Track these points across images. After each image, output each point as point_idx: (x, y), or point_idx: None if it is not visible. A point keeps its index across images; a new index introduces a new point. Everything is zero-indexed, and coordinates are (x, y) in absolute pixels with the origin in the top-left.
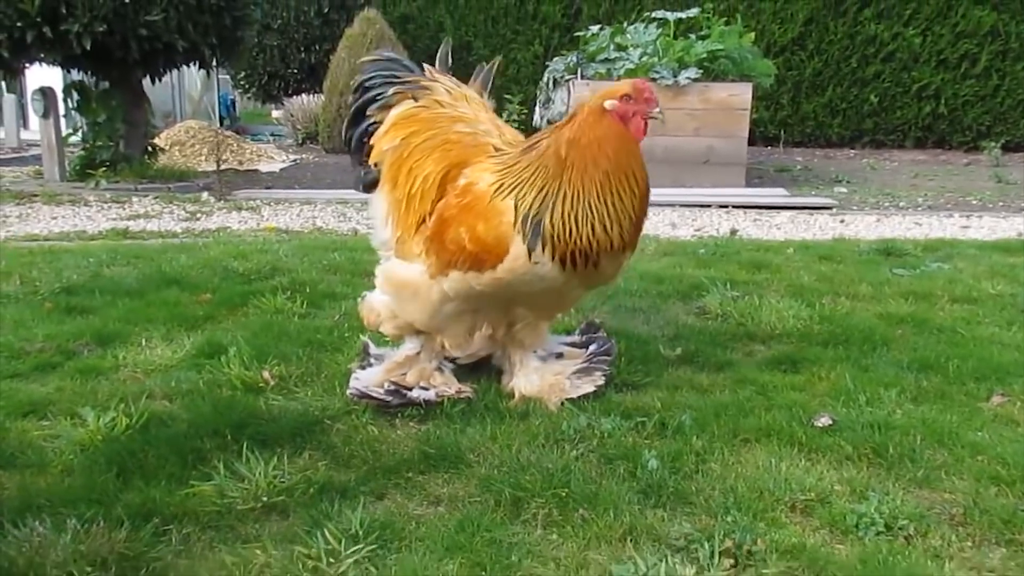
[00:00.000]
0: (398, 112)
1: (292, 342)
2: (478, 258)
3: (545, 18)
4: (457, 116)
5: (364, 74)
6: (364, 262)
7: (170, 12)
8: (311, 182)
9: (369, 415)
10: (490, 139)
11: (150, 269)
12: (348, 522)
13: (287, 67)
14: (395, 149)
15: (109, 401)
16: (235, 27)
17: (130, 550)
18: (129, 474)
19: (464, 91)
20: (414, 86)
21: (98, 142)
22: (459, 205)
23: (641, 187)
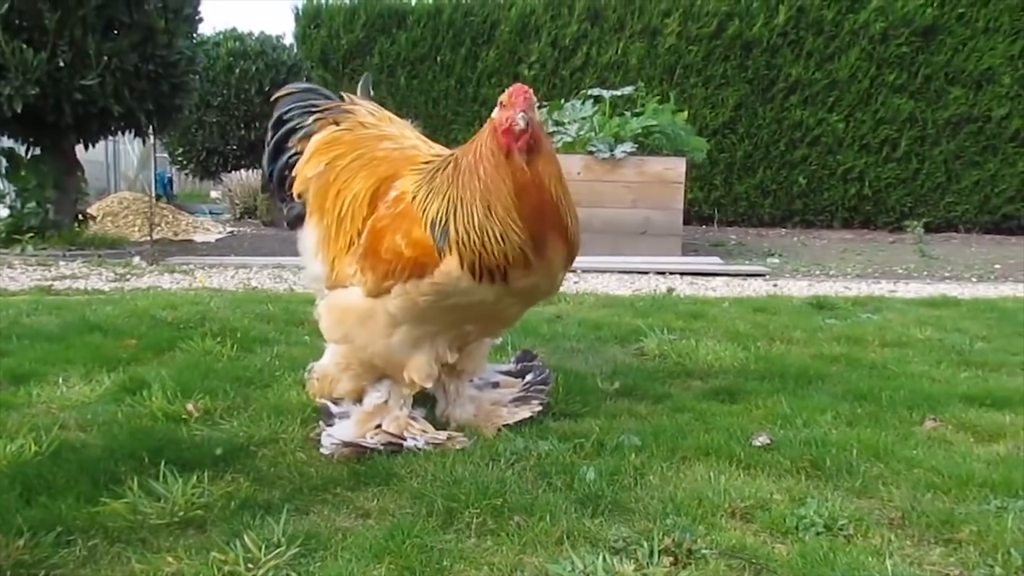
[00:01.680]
0: (320, 138)
1: (219, 379)
2: (418, 263)
3: (485, 100)
4: (383, 135)
5: (281, 107)
6: (299, 312)
7: (106, 77)
8: (248, 251)
9: (297, 442)
10: (419, 152)
11: (73, 318)
12: (270, 532)
13: (226, 143)
14: (320, 175)
15: (17, 432)
16: (173, 94)
17: (29, 557)
18: (33, 493)
19: (387, 114)
20: (335, 111)
21: (26, 208)
22: (392, 214)
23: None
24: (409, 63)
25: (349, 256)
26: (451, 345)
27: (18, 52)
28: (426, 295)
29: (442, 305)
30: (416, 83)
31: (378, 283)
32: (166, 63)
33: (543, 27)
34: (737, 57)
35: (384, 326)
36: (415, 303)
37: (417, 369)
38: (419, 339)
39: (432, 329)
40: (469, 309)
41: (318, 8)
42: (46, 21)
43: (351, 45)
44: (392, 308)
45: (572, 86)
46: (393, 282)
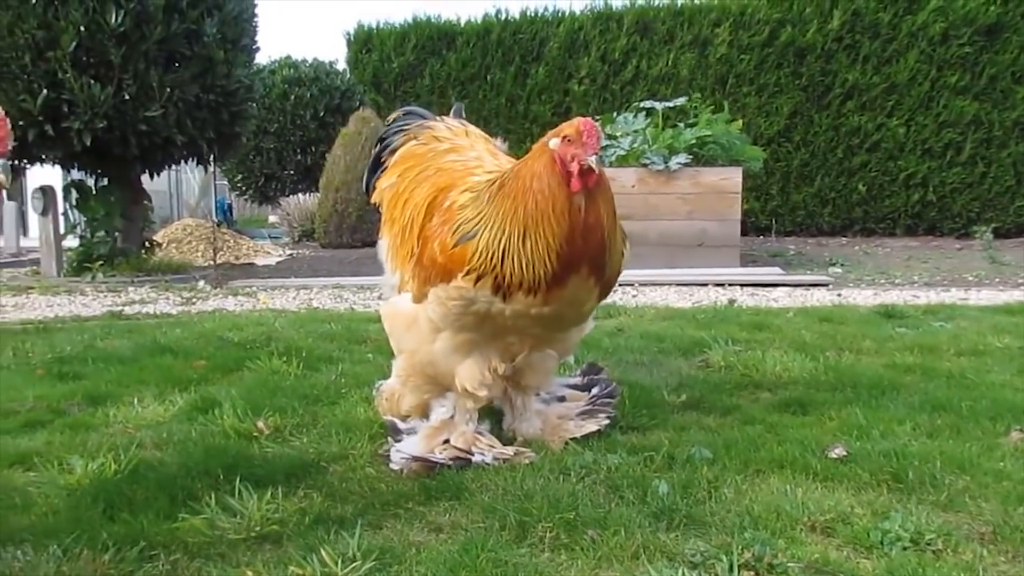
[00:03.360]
0: (399, 152)
1: (287, 397)
2: (447, 268)
3: (535, 117)
4: (451, 148)
5: (385, 128)
6: (360, 331)
7: (169, 108)
8: (307, 272)
9: (366, 458)
10: (481, 164)
11: (144, 340)
12: (345, 547)
13: (283, 168)
14: (392, 186)
15: (98, 451)
16: (232, 122)
17: (116, 571)
18: (116, 510)
19: (467, 128)
20: (418, 127)
21: (96, 237)
22: (439, 223)
23: (558, 236)
24: (459, 83)
25: (407, 263)
26: (501, 356)
27: (86, 88)
28: (454, 300)
29: (471, 312)
30: (467, 103)
31: (420, 289)
32: (226, 92)
33: (592, 42)
34: (790, 64)
35: (427, 332)
36: (448, 308)
37: (467, 377)
38: (461, 346)
39: (472, 337)
40: (498, 320)
41: (369, 33)
42: (112, 57)
43: (402, 68)
44: (431, 313)
45: (622, 100)
46: (431, 287)
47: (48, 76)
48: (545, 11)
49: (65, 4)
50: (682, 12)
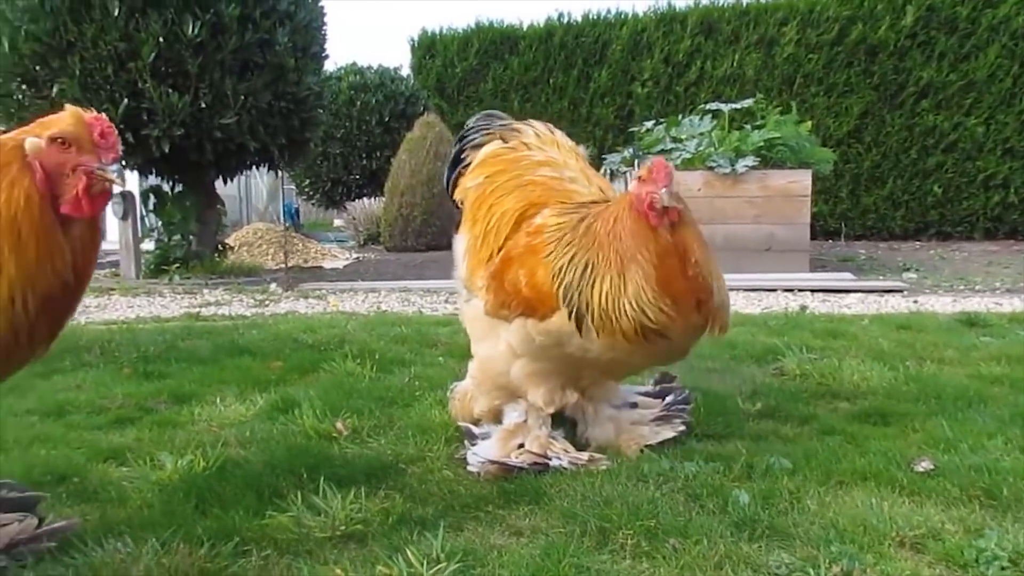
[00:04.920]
0: (485, 151)
1: (363, 399)
2: (531, 304)
3: (598, 120)
4: (544, 160)
5: (466, 127)
6: (430, 334)
7: (242, 115)
8: (374, 276)
9: (443, 460)
10: (575, 186)
11: (223, 341)
12: (429, 547)
13: (349, 173)
14: (478, 186)
15: (186, 448)
16: (303, 128)
17: (212, 565)
18: (207, 505)
19: (556, 137)
20: (505, 128)
21: (172, 241)
22: (527, 245)
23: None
24: (522, 87)
25: (484, 269)
26: (573, 385)
27: (165, 97)
28: (542, 336)
29: (558, 351)
30: (529, 106)
31: (496, 308)
32: (296, 99)
33: (655, 44)
34: (861, 63)
35: (504, 351)
36: (532, 340)
37: (539, 398)
38: (537, 373)
39: (550, 367)
40: (587, 361)
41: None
42: (189, 67)
43: (465, 72)
44: (512, 340)
45: (686, 102)
46: (509, 313)
47: (129, 86)
48: (608, 13)
49: (145, 16)
50: (748, 12)
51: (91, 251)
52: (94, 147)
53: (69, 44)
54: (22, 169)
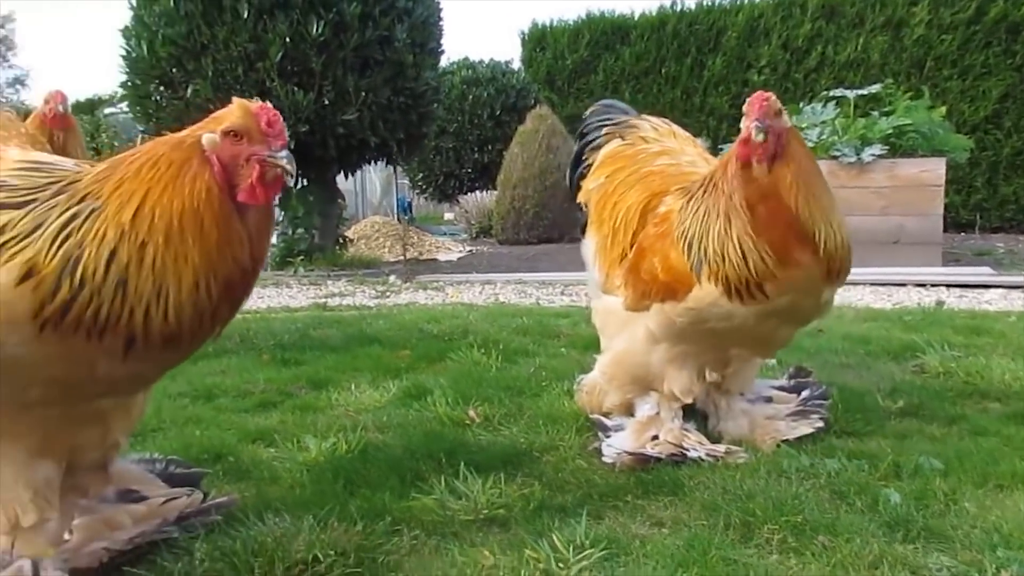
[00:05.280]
0: (605, 152)
1: (492, 387)
2: (670, 288)
3: (712, 110)
4: (662, 150)
5: (584, 122)
6: (552, 325)
7: (363, 111)
8: (488, 268)
9: (575, 450)
10: (695, 169)
11: (352, 331)
12: (572, 534)
13: (461, 167)
14: (600, 187)
15: (328, 431)
16: (420, 123)
17: (367, 542)
18: (354, 486)
19: (672, 128)
20: (622, 126)
21: (296, 234)
22: (656, 234)
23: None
24: (633, 77)
25: (620, 268)
26: (715, 365)
27: (291, 95)
28: (682, 317)
29: (700, 328)
30: (641, 97)
31: (636, 300)
32: (414, 94)
33: (773, 29)
34: (1001, 42)
35: (643, 341)
36: (673, 323)
37: (677, 385)
38: (679, 357)
39: (692, 349)
40: (731, 332)
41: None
42: (313, 65)
43: (575, 64)
44: (652, 325)
45: (806, 89)
46: (649, 302)
47: (257, 85)
48: (723, 0)
49: (272, 17)
50: None
51: (265, 237)
52: (263, 136)
53: (202, 46)
54: (202, 164)
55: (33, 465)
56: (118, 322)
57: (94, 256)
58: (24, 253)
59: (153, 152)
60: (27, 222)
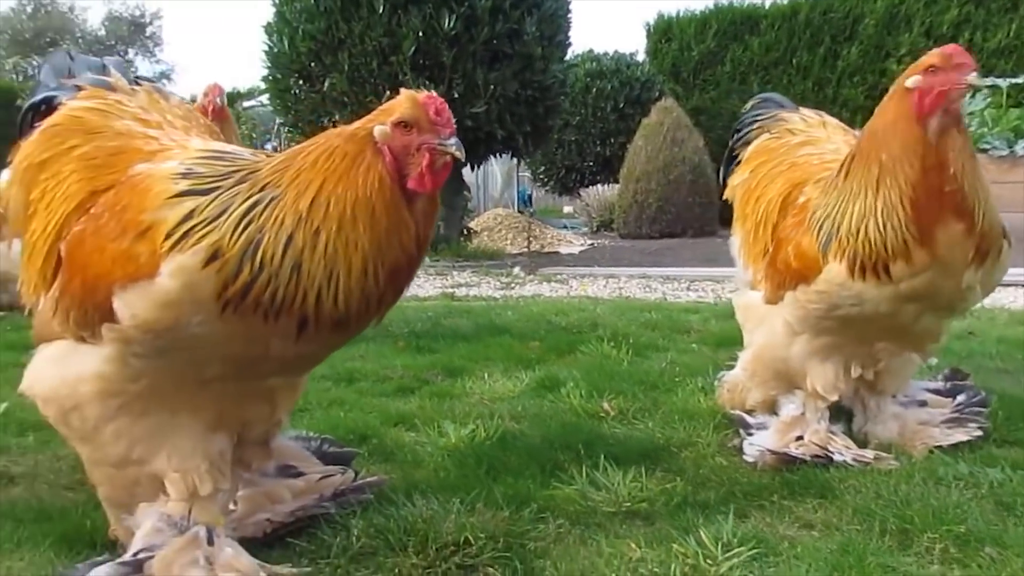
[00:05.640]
0: (752, 147)
1: (624, 381)
2: (801, 274)
3: (846, 101)
4: (807, 140)
5: (741, 117)
6: (681, 320)
7: (491, 104)
8: (610, 262)
9: (714, 447)
10: (839, 157)
11: (481, 320)
12: (719, 531)
13: (583, 160)
14: (744, 182)
15: (465, 418)
16: (546, 116)
17: (515, 528)
18: (496, 472)
19: (823, 119)
20: (772, 119)
21: None
22: (793, 223)
23: (910, 177)
24: (762, 68)
25: (761, 262)
26: (862, 362)
27: (422, 88)
28: (814, 303)
29: (835, 316)
30: (769, 88)
31: (773, 291)
32: (542, 87)
33: (915, 16)
34: None
35: (782, 334)
36: (807, 312)
37: (820, 381)
38: (820, 350)
39: (833, 340)
40: (866, 320)
41: (669, 22)
42: (444, 58)
43: (702, 55)
44: (788, 316)
45: None
46: (784, 291)
47: (391, 79)
48: None
49: (406, 12)
50: None
51: (430, 224)
52: (432, 125)
53: (339, 41)
54: (374, 154)
55: (210, 438)
56: (292, 304)
57: (273, 241)
58: (210, 237)
59: (328, 144)
60: (212, 208)
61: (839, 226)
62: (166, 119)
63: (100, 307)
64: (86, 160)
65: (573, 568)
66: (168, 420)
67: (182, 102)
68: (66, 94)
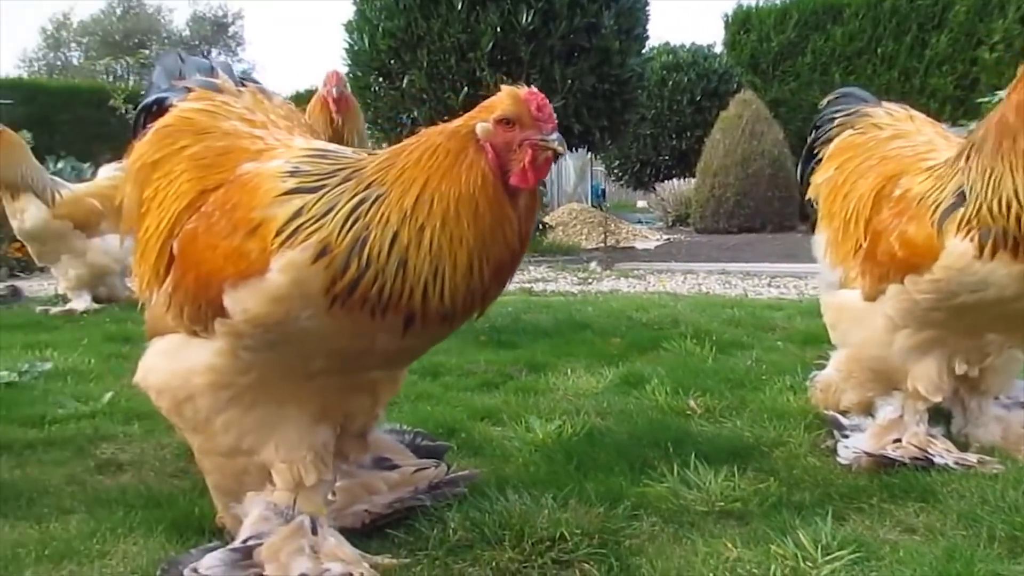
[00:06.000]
0: (835, 144)
1: (709, 379)
2: (910, 263)
3: (935, 91)
4: (895, 134)
5: (819, 113)
6: (765, 318)
7: (568, 99)
8: (687, 257)
9: (806, 447)
10: (933, 148)
11: (562, 316)
12: (817, 533)
13: (658, 154)
14: (829, 180)
15: (551, 414)
16: (623, 110)
17: (609, 525)
18: (585, 468)
19: (909, 112)
20: (856, 115)
21: None
22: (892, 214)
23: None
24: (845, 58)
25: (852, 259)
26: (967, 357)
27: (499, 83)
28: (926, 293)
29: (948, 306)
30: (853, 79)
31: (873, 286)
32: (619, 81)
33: (1009, 1)
34: None
35: (882, 329)
36: (915, 303)
37: (922, 379)
38: (921, 345)
39: (938, 334)
40: (985, 309)
41: (748, 13)
42: (521, 54)
43: (781, 46)
44: (890, 310)
45: None
46: (887, 284)
47: (468, 75)
48: None
49: (484, 8)
50: None
51: (531, 219)
52: (535, 121)
53: (419, 38)
54: (477, 152)
55: (315, 429)
56: (399, 300)
57: (379, 238)
58: (319, 233)
59: (431, 142)
60: (320, 205)
61: (974, 204)
62: (270, 119)
63: (212, 302)
64: (196, 160)
65: (669, 566)
66: (276, 412)
67: (284, 102)
68: (176, 96)
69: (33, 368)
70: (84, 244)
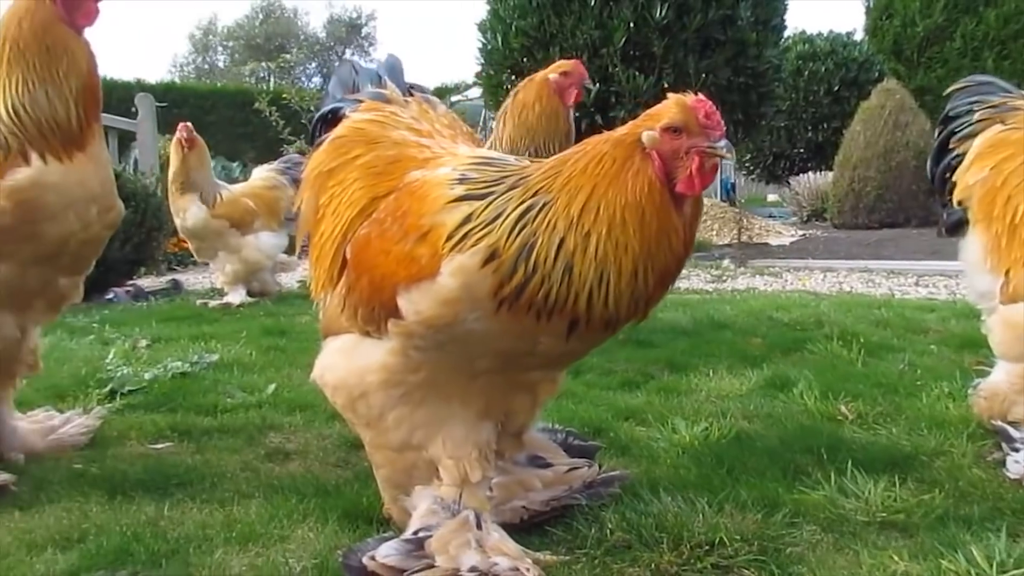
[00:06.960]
0: (983, 140)
1: (859, 383)
2: None
3: None
4: None
5: (950, 103)
6: (916, 319)
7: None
8: (824, 254)
9: (969, 458)
10: None
11: (699, 315)
12: (990, 549)
13: (793, 147)
14: (984, 181)
15: (696, 416)
16: (759, 103)
17: (769, 532)
18: (736, 473)
19: None
20: (1002, 108)
21: None
22: None
23: None
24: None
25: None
26: None
27: (631, 79)
28: None
29: None
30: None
31: None
32: (755, 74)
33: None
34: None
35: None
36: None
37: None
38: None
39: None
40: None
41: None
42: (654, 48)
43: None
44: None
45: None
46: None
47: (600, 71)
48: None
49: (618, 3)
50: None
51: (695, 225)
52: (702, 128)
53: (551, 36)
54: (643, 160)
55: (479, 427)
56: (564, 305)
57: (545, 244)
58: (488, 239)
59: (597, 151)
60: (488, 212)
61: None
62: (435, 128)
63: (386, 304)
64: (367, 168)
65: None
66: (443, 409)
67: (448, 111)
68: (349, 106)
69: (202, 359)
70: (239, 241)
